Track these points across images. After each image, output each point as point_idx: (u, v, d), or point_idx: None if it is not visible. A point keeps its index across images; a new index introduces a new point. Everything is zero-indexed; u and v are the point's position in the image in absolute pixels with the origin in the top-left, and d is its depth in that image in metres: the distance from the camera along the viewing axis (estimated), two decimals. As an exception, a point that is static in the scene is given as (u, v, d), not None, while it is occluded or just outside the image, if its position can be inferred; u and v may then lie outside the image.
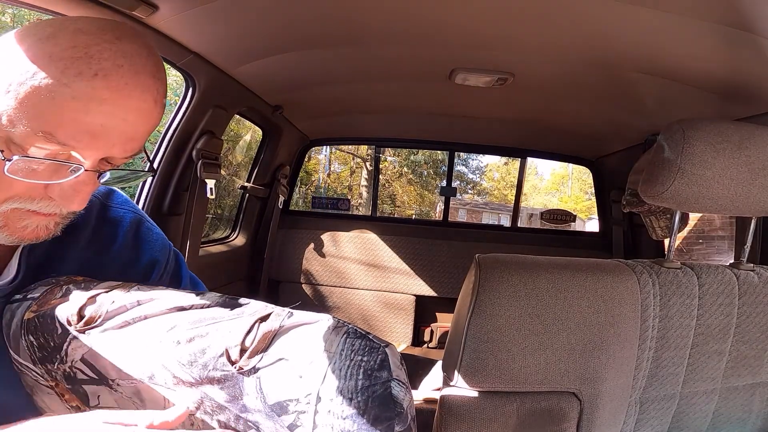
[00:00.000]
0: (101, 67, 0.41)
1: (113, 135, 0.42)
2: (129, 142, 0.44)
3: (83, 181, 0.44)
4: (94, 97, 0.40)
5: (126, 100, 0.42)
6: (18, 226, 0.45)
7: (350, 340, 0.35)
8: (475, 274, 0.68)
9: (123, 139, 0.43)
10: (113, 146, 0.43)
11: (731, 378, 0.76)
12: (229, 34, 1.22)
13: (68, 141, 0.41)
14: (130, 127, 0.43)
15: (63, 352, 0.40)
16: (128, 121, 0.42)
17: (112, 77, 0.41)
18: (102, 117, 0.41)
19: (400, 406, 0.34)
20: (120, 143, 0.43)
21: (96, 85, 0.40)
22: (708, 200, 0.69)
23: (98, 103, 0.41)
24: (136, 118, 0.43)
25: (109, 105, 0.41)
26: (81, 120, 0.40)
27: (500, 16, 1.06)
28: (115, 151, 0.44)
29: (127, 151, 0.45)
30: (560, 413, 0.69)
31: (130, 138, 0.44)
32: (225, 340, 0.36)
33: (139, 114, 0.43)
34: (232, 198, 3.18)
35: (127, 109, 0.42)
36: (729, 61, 1.07)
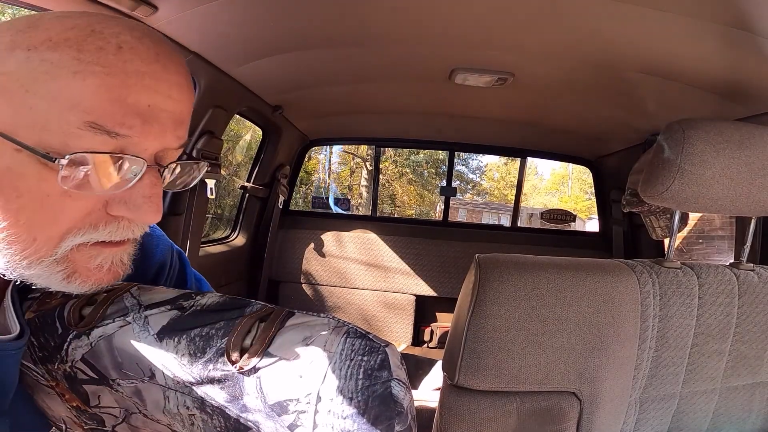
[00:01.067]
0: (122, 40, 0.35)
1: (163, 117, 0.36)
2: (179, 127, 0.38)
3: (150, 182, 0.37)
4: (130, 71, 0.34)
5: (164, 72, 0.36)
6: (91, 267, 0.38)
7: (350, 340, 0.35)
8: (475, 274, 0.68)
9: (173, 121, 0.37)
10: (166, 132, 0.37)
11: (731, 378, 0.76)
12: (229, 34, 1.22)
13: (118, 128, 0.34)
14: (177, 105, 0.37)
15: (63, 352, 0.40)
16: (173, 98, 0.37)
17: (139, 48, 0.35)
18: (147, 94, 0.35)
19: (401, 405, 0.34)
20: (172, 128, 0.37)
21: (126, 57, 0.34)
22: (708, 200, 0.69)
23: (138, 77, 0.34)
24: (180, 93, 0.37)
25: (150, 78, 0.35)
26: (125, 99, 0.34)
27: (500, 16, 1.06)
28: (168, 138, 0.37)
29: (180, 138, 0.39)
30: (560, 413, 0.69)
31: (179, 120, 0.38)
32: (225, 339, 0.36)
33: (181, 89, 0.38)
34: (232, 198, 3.18)
35: (170, 84, 0.36)
36: (729, 61, 1.07)
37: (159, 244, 0.57)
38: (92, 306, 0.41)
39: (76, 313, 0.41)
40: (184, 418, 0.38)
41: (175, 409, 0.38)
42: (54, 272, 0.36)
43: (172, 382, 0.37)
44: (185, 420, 0.38)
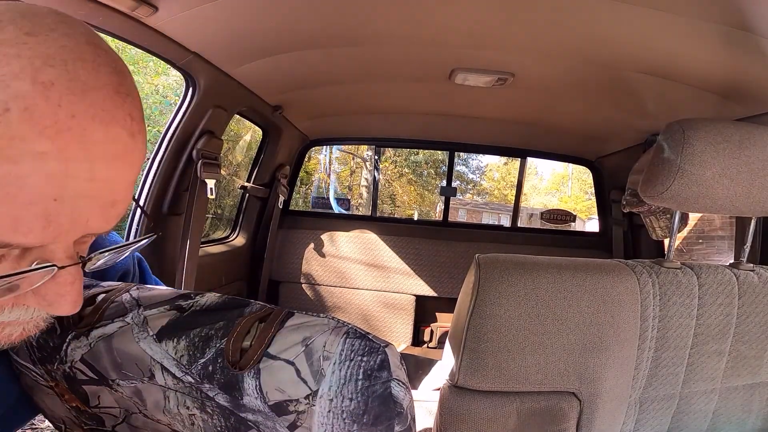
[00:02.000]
0: (13, 94, 0.23)
1: (82, 205, 0.26)
2: (108, 209, 0.29)
3: (65, 280, 0.29)
4: (18, 154, 0.23)
5: (81, 145, 0.25)
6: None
7: (350, 340, 0.35)
8: (475, 274, 0.68)
9: (99, 206, 0.28)
10: (86, 222, 0.28)
11: (731, 378, 0.76)
12: (229, 34, 1.22)
13: (8, 237, 0.25)
14: (103, 186, 0.27)
15: (63, 352, 0.40)
16: (97, 179, 0.26)
17: (40, 109, 0.23)
18: (50, 184, 0.24)
19: (401, 406, 0.34)
20: (97, 213, 0.28)
21: (15, 132, 0.23)
22: (708, 200, 0.69)
23: (35, 160, 0.23)
24: (109, 168, 0.27)
25: (54, 162, 0.24)
26: (15, 197, 0.24)
27: (500, 16, 1.07)
28: (93, 224, 0.28)
29: (110, 220, 0.29)
30: (560, 413, 0.69)
31: (108, 203, 0.28)
32: (224, 340, 0.36)
33: (113, 164, 0.27)
34: (232, 198, 3.18)
35: (92, 159, 0.26)
36: (729, 61, 1.07)
37: None
38: (91, 307, 0.41)
39: (77, 314, 0.41)
40: (184, 418, 0.38)
41: (176, 409, 0.38)
42: None
43: (172, 383, 0.37)
44: (185, 420, 0.38)
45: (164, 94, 5.11)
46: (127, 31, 1.06)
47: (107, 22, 0.99)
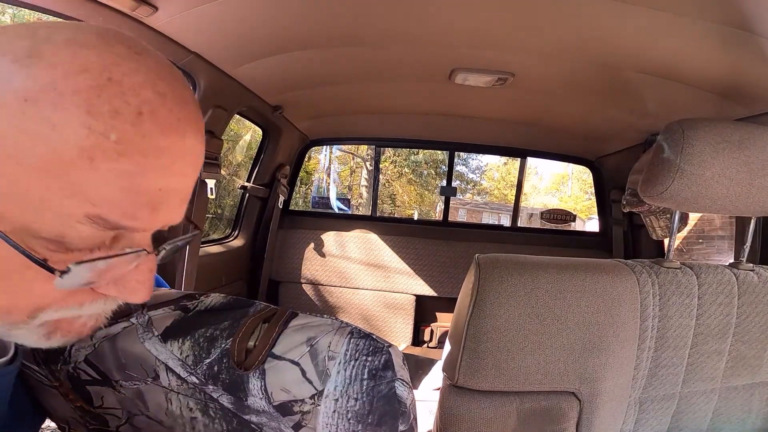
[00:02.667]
0: (143, 100, 0.27)
1: (173, 199, 0.30)
2: (183, 203, 0.33)
3: (147, 267, 0.32)
4: (149, 149, 0.27)
5: (182, 144, 0.29)
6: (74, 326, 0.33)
7: (354, 340, 0.35)
8: (475, 274, 0.68)
9: (180, 200, 0.32)
10: (172, 213, 0.31)
11: (730, 378, 0.76)
12: (229, 34, 1.22)
13: (125, 221, 0.28)
14: (189, 181, 0.31)
15: (67, 353, 0.40)
16: (186, 174, 0.31)
17: (161, 113, 0.28)
18: (160, 177, 0.29)
19: (404, 405, 0.34)
20: (178, 206, 0.32)
21: (146, 129, 0.27)
22: (707, 200, 0.69)
23: (155, 155, 0.28)
24: (194, 166, 0.31)
25: (167, 156, 0.28)
26: (138, 187, 0.28)
27: (500, 16, 1.07)
28: (173, 217, 0.32)
29: (181, 214, 0.33)
30: (560, 413, 0.69)
31: (184, 198, 0.32)
32: (229, 341, 0.37)
33: (197, 161, 0.31)
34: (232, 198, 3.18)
35: (186, 157, 0.30)
36: (729, 61, 1.07)
37: None
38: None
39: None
40: (185, 421, 0.38)
41: (178, 411, 0.38)
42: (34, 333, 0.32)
43: (176, 384, 0.37)
44: (186, 423, 0.39)
45: (164, 94, 5.09)
46: (127, 31, 1.05)
47: (107, 22, 0.99)
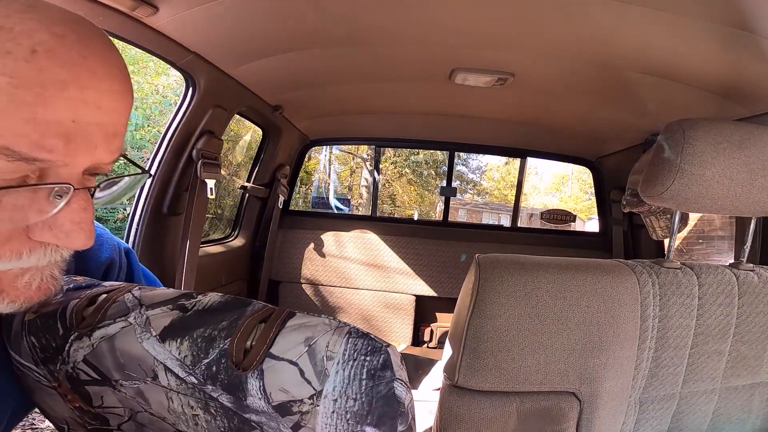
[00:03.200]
0: (36, 41, 0.29)
1: (92, 132, 0.32)
2: (112, 139, 0.33)
3: (79, 206, 0.33)
4: (48, 81, 0.29)
5: (92, 78, 0.31)
6: (18, 285, 0.34)
7: (353, 340, 0.35)
8: (475, 274, 0.68)
9: (105, 135, 0.33)
10: (96, 147, 0.32)
11: (731, 378, 0.76)
12: (229, 34, 1.22)
13: (36, 152, 0.29)
14: (110, 116, 0.32)
15: (65, 353, 0.40)
16: (105, 108, 0.32)
17: (59, 51, 0.30)
18: (69, 107, 0.30)
19: (403, 405, 0.34)
20: (103, 141, 0.33)
21: (42, 64, 0.29)
22: (708, 200, 0.69)
23: (58, 87, 0.29)
24: (113, 102, 0.32)
25: (74, 88, 0.30)
26: (42, 117, 0.29)
27: (500, 16, 1.07)
28: (100, 155, 0.33)
29: (113, 152, 0.34)
30: (560, 413, 0.69)
31: (111, 133, 0.33)
32: (228, 341, 0.37)
33: (114, 97, 0.32)
34: (232, 198, 3.18)
35: (100, 91, 0.31)
36: (729, 61, 1.07)
37: (104, 243, 0.54)
38: (93, 306, 0.41)
39: (79, 315, 0.41)
40: (188, 417, 0.38)
41: (180, 409, 0.38)
42: None
43: (175, 384, 0.37)
44: (189, 420, 0.38)
45: (164, 94, 5.11)
46: (127, 31, 1.06)
47: (107, 22, 0.99)
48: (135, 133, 4.74)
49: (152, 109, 5.00)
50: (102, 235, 0.54)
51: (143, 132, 4.82)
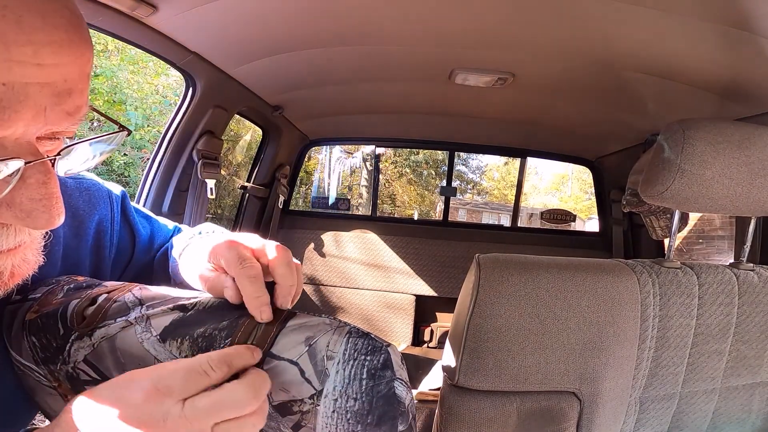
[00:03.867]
0: None
1: (34, 93, 0.27)
2: (66, 98, 0.29)
3: (38, 180, 0.29)
4: None
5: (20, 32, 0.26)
6: None
7: (353, 339, 0.35)
8: (475, 274, 0.68)
9: (54, 95, 0.28)
10: (45, 110, 0.28)
11: (731, 378, 0.76)
12: (229, 34, 1.22)
13: None
14: (56, 72, 0.28)
15: (65, 353, 0.40)
16: (47, 64, 0.27)
17: None
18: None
19: (403, 405, 0.34)
20: (53, 103, 0.28)
21: None
22: (708, 200, 0.69)
23: None
24: (56, 55, 0.27)
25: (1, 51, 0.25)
26: None
27: (500, 16, 1.07)
28: (53, 116, 0.29)
29: (72, 112, 0.30)
30: (560, 413, 0.69)
31: (64, 91, 0.29)
32: (228, 341, 0.36)
33: (58, 49, 0.28)
34: (232, 198, 3.18)
35: (36, 45, 0.26)
36: (729, 61, 1.07)
37: (96, 201, 0.51)
38: (94, 306, 0.41)
39: (80, 315, 0.41)
40: None
41: None
42: None
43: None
44: None
45: (164, 94, 5.11)
46: (126, 31, 1.06)
47: (107, 22, 0.99)
48: (135, 133, 4.74)
49: (152, 109, 5.00)
50: (91, 189, 0.51)
51: (143, 132, 4.83)
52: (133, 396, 0.31)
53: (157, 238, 0.60)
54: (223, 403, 0.31)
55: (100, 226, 0.52)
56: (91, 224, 0.50)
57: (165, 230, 0.62)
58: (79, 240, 0.49)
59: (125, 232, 0.56)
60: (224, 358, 0.33)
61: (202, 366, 0.32)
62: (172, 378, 0.31)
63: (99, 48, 4.58)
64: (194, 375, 0.32)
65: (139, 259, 0.57)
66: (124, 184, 4.68)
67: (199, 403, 0.31)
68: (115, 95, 4.64)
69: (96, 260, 0.52)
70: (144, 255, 0.58)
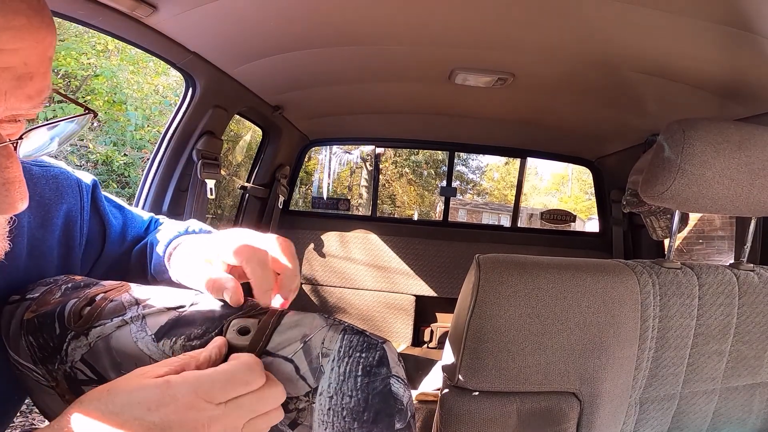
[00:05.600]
0: None
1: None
2: (25, 82, 0.29)
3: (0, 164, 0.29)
4: None
5: None
6: None
7: (348, 337, 0.35)
8: (475, 274, 0.68)
9: (13, 78, 0.28)
10: (4, 95, 0.28)
11: (731, 378, 0.76)
12: (229, 34, 1.22)
13: None
14: (13, 57, 0.28)
15: (63, 352, 0.40)
16: (5, 50, 0.27)
17: None
18: None
19: (400, 402, 0.34)
20: (13, 87, 0.28)
21: None
22: (708, 200, 0.69)
23: None
24: (15, 41, 0.27)
25: None
26: None
27: (500, 16, 1.06)
28: (13, 101, 0.28)
29: (32, 96, 0.29)
30: (560, 413, 0.69)
31: (24, 75, 0.28)
32: (224, 339, 0.36)
33: (17, 34, 0.28)
34: (232, 198, 3.18)
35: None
36: (729, 61, 1.07)
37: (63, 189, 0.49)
38: (91, 306, 0.41)
39: (77, 313, 0.41)
40: None
41: None
42: None
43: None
44: None
45: (164, 94, 5.11)
46: (126, 31, 1.06)
47: (107, 22, 0.99)
48: (135, 133, 4.75)
49: (152, 110, 5.00)
50: (59, 177, 0.49)
51: (143, 132, 4.83)
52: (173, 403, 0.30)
53: (131, 229, 0.57)
54: (264, 400, 0.33)
55: (69, 216, 0.50)
56: (58, 214, 0.49)
57: (139, 222, 0.59)
58: (45, 230, 0.47)
59: (95, 223, 0.53)
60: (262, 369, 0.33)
61: (245, 377, 0.32)
62: (212, 384, 0.31)
63: (99, 48, 4.58)
64: (235, 384, 0.32)
65: (110, 251, 0.55)
66: (123, 184, 4.68)
67: (244, 403, 0.32)
68: (115, 95, 4.65)
69: (65, 252, 0.50)
70: (116, 247, 0.55)
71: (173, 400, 0.30)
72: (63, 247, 0.50)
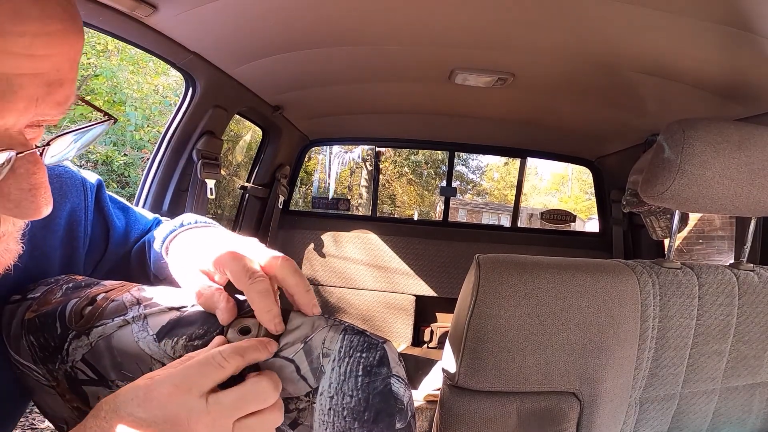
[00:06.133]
0: None
1: (27, 84, 0.27)
2: (56, 88, 0.29)
3: (27, 170, 0.29)
4: None
5: (15, 22, 0.26)
6: None
7: (349, 337, 0.35)
8: (475, 274, 0.68)
9: (46, 84, 0.28)
10: (37, 101, 0.28)
11: (731, 378, 0.76)
12: (229, 34, 1.22)
13: None
14: (47, 62, 0.27)
15: (64, 352, 0.40)
16: (39, 55, 0.27)
17: None
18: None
19: (401, 402, 0.34)
20: (45, 93, 0.28)
21: None
22: (708, 200, 0.69)
23: None
24: (48, 46, 0.27)
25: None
26: None
27: (500, 16, 1.07)
28: (43, 107, 0.28)
29: (61, 102, 0.29)
30: (560, 413, 0.69)
31: (55, 81, 0.28)
32: (224, 339, 0.36)
33: (51, 40, 0.27)
34: (232, 198, 3.18)
35: (29, 36, 0.26)
36: (729, 61, 1.07)
37: (67, 189, 0.49)
38: (92, 305, 0.41)
39: (78, 313, 0.41)
40: None
41: None
42: None
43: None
44: None
45: (164, 94, 5.11)
46: (126, 31, 1.06)
47: (107, 22, 0.99)
48: (135, 133, 4.75)
49: (152, 109, 5.00)
50: (63, 176, 0.49)
51: (143, 132, 4.83)
52: (156, 398, 0.32)
53: (134, 230, 0.57)
54: (247, 397, 0.33)
55: (73, 216, 0.49)
56: (62, 214, 0.48)
57: (143, 222, 0.59)
58: (48, 229, 0.47)
59: (99, 223, 0.53)
60: (237, 350, 0.34)
61: (216, 359, 0.33)
62: (188, 374, 0.32)
63: (99, 48, 4.58)
64: (209, 368, 0.33)
65: (113, 252, 0.54)
66: (124, 184, 4.68)
67: (224, 399, 0.32)
68: (115, 95, 4.65)
69: (68, 252, 0.50)
70: (119, 248, 0.55)
71: (157, 395, 0.32)
72: (66, 247, 0.50)
